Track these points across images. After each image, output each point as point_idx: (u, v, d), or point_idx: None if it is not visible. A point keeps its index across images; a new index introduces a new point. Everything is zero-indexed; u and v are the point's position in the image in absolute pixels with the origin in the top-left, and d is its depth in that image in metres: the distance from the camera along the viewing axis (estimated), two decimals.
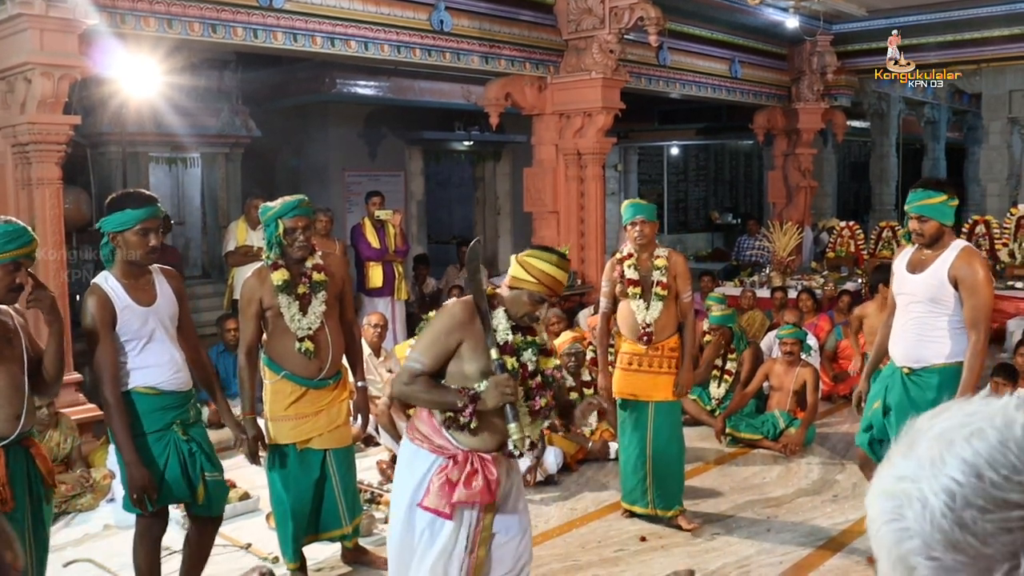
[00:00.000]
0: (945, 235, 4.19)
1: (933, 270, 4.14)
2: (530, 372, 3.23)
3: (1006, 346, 9.27)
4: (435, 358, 3.12)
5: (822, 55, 12.37)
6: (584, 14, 9.24)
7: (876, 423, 4.36)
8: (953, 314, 4.12)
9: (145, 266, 3.71)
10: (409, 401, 3.44)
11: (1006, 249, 11.05)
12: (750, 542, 5.03)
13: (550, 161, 9.82)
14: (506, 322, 3.18)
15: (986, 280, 4.13)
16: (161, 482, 3.67)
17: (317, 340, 4.21)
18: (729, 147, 21.35)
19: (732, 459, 6.62)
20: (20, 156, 6.14)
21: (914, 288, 4.19)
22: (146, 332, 3.65)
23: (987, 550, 0.65)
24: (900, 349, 4.29)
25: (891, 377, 4.34)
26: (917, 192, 4.19)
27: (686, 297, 5.18)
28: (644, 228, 5.12)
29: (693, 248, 19.45)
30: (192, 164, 10.51)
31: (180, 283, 3.90)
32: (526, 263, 3.14)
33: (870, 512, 0.73)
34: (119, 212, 3.60)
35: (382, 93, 11.45)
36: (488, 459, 3.16)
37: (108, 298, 3.60)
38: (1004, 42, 11.95)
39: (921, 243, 4.19)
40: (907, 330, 4.24)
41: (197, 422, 3.88)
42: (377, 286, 8.50)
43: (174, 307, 3.79)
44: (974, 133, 18.39)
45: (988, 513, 0.65)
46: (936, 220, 4.13)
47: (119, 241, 3.62)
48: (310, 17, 7.45)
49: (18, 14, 5.74)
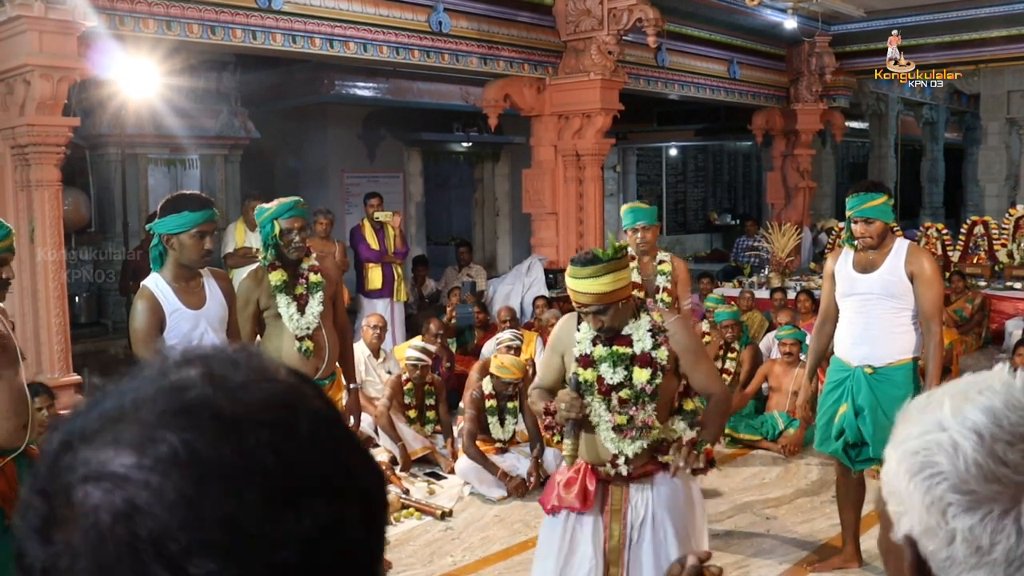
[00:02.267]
0: (887, 235, 4.22)
1: (889, 266, 4.15)
2: (610, 386, 3.08)
3: (1005, 346, 9.27)
4: (544, 375, 3.33)
5: (820, 56, 12.38)
6: (583, 15, 9.25)
7: (849, 427, 4.29)
8: (911, 309, 4.16)
9: (197, 269, 3.70)
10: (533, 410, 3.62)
11: (1005, 250, 11.06)
12: (749, 543, 5.03)
13: (549, 162, 9.82)
14: (589, 333, 3.14)
15: (938, 273, 4.22)
16: None
17: (315, 340, 4.21)
18: (728, 148, 21.34)
19: (731, 460, 6.62)
20: (19, 158, 6.14)
21: (870, 287, 4.18)
22: (196, 335, 3.64)
23: (1018, 477, 0.72)
24: (862, 350, 4.25)
25: (852, 379, 4.29)
26: (859, 196, 4.18)
27: (686, 304, 5.17)
28: (646, 234, 5.09)
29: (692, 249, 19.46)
30: (191, 166, 10.50)
31: (229, 284, 3.92)
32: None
33: (895, 483, 0.80)
34: (176, 214, 3.57)
35: (381, 94, 11.45)
36: (592, 469, 3.18)
37: (158, 302, 3.59)
38: (1002, 43, 11.97)
39: (869, 246, 4.18)
40: (869, 330, 4.22)
41: None
42: (376, 287, 8.50)
43: (224, 310, 3.80)
44: (972, 134, 18.41)
45: (1015, 445, 0.73)
46: (881, 221, 4.15)
47: (173, 243, 3.59)
48: (309, 19, 7.45)
49: (17, 16, 5.74)
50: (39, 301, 6.09)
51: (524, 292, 9.23)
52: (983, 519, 0.73)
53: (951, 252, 11.53)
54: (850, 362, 4.31)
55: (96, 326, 9.23)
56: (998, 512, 0.73)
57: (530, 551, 4.82)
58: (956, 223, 14.33)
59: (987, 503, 0.73)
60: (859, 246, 4.22)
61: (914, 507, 0.77)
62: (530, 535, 4.88)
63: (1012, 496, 0.72)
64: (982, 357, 9.25)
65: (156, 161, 10.21)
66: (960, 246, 11.52)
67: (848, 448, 4.34)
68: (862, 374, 4.25)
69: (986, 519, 0.73)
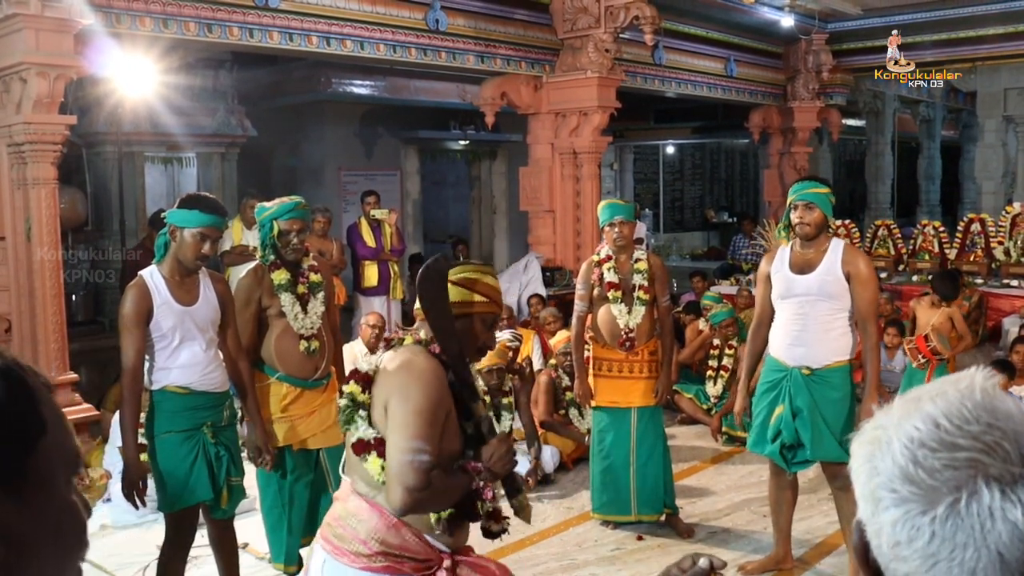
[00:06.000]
0: (822, 233, 4.22)
1: (826, 266, 4.15)
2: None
3: (1002, 343, 9.28)
4: (437, 440, 2.33)
5: (817, 54, 12.38)
6: (579, 13, 9.25)
7: (786, 428, 4.23)
8: (848, 310, 4.16)
9: (192, 269, 3.75)
10: (428, 511, 2.39)
11: (1001, 247, 11.06)
12: (746, 540, 5.04)
13: (546, 160, 9.82)
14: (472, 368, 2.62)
15: (874, 273, 4.23)
16: (187, 482, 3.70)
17: (318, 340, 4.22)
18: (725, 146, 21.37)
19: (728, 458, 6.63)
20: (16, 156, 6.13)
21: (808, 288, 4.16)
22: (181, 331, 3.69)
23: (933, 482, 0.78)
24: (799, 351, 4.21)
25: (789, 380, 4.24)
26: (803, 183, 4.30)
27: (664, 301, 5.12)
28: (624, 229, 5.02)
29: (689, 247, 19.49)
30: (188, 164, 10.50)
31: (226, 288, 3.95)
32: (471, 281, 2.53)
33: (852, 462, 0.87)
34: (187, 210, 3.67)
35: (378, 92, 11.45)
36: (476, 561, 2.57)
37: (147, 292, 3.64)
38: (999, 40, 11.97)
39: (806, 234, 4.17)
40: (806, 331, 4.18)
41: (231, 425, 3.91)
42: (372, 285, 8.50)
43: (215, 312, 3.82)
44: (969, 131, 18.41)
45: (937, 452, 0.79)
46: (822, 210, 4.16)
47: (176, 236, 3.68)
48: (306, 17, 7.44)
49: (13, 14, 5.73)
50: (36, 299, 6.08)
51: (521, 290, 9.23)
52: (903, 517, 0.79)
53: (948, 250, 11.54)
54: (786, 363, 4.26)
55: (93, 324, 9.22)
56: (915, 512, 0.79)
57: (527, 549, 4.84)
58: (953, 221, 14.33)
59: (906, 503, 0.79)
60: (797, 231, 4.20)
61: (859, 492, 0.85)
62: (527, 533, 4.88)
63: (929, 500, 0.78)
64: (979, 355, 9.26)
65: (153, 159, 10.21)
66: (957, 244, 11.52)
67: (784, 450, 4.30)
68: (799, 375, 4.21)
69: (905, 517, 0.79)
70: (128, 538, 5.16)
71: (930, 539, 0.78)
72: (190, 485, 3.71)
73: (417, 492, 2.25)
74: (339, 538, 2.38)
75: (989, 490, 0.77)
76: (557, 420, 6.56)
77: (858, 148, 20.81)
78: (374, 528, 2.33)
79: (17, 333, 6.20)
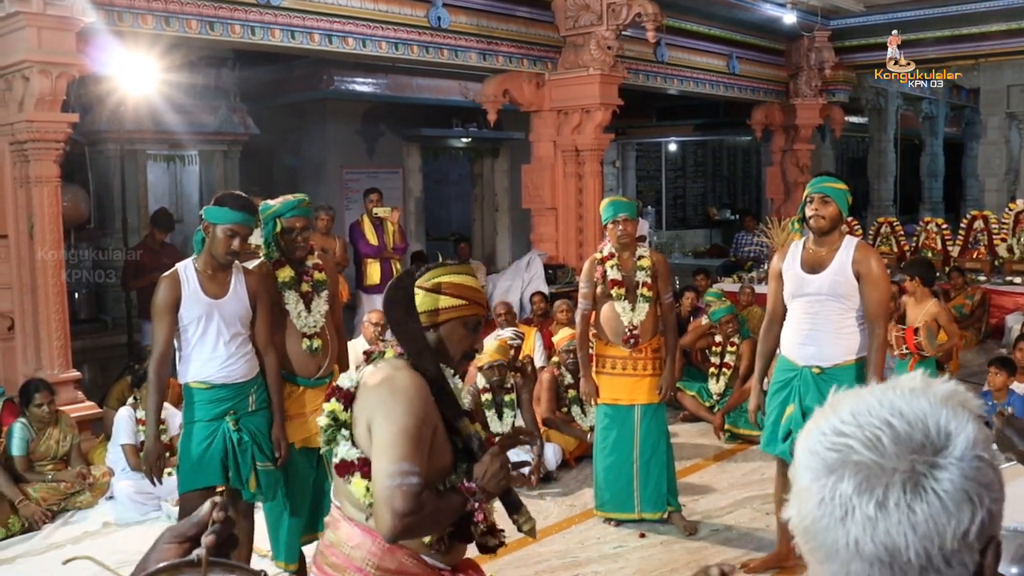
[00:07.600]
0: (837, 230, 4.18)
1: (837, 266, 4.11)
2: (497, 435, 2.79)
3: (1005, 341, 9.28)
4: (424, 458, 2.22)
5: (820, 51, 12.36)
6: (582, 10, 9.24)
7: (797, 428, 4.15)
8: (858, 309, 4.13)
9: (225, 264, 3.91)
10: (420, 535, 2.29)
11: (1004, 244, 11.06)
12: (749, 538, 5.03)
13: (548, 158, 9.82)
14: (458, 380, 2.50)
15: (885, 273, 4.18)
16: (199, 464, 3.90)
17: (320, 338, 4.22)
18: (727, 143, 21.34)
19: (731, 455, 6.63)
20: (18, 154, 6.14)
21: (819, 287, 4.13)
22: (205, 322, 3.86)
23: (815, 464, 0.91)
24: (809, 350, 4.19)
25: (799, 379, 4.23)
26: (821, 177, 4.29)
27: (667, 298, 5.12)
28: (627, 227, 5.01)
29: (691, 244, 19.46)
30: (190, 162, 10.51)
31: (257, 284, 4.03)
32: (452, 285, 2.40)
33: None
34: (219, 207, 3.85)
35: (380, 90, 11.44)
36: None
37: (177, 282, 3.84)
38: (1002, 37, 11.93)
39: (820, 228, 4.12)
40: (817, 330, 4.16)
41: (258, 411, 4.01)
42: (375, 283, 8.51)
43: (244, 308, 3.96)
44: (972, 128, 18.41)
45: (827, 436, 0.91)
46: (838, 205, 4.11)
47: (209, 232, 3.86)
48: (308, 14, 7.44)
49: (16, 12, 5.74)
50: (38, 297, 6.08)
51: (523, 288, 9.23)
52: (807, 485, 0.92)
53: (951, 247, 11.54)
54: (796, 362, 4.24)
55: (96, 322, 9.24)
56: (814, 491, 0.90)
57: (529, 547, 4.83)
58: (956, 218, 14.32)
59: (811, 482, 0.91)
60: (811, 224, 4.16)
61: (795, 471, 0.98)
62: None
63: (821, 477, 0.90)
64: (982, 352, 9.26)
65: (155, 157, 10.21)
66: (960, 241, 11.53)
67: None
68: (809, 374, 4.19)
69: (810, 486, 0.91)
70: (131, 535, 5.18)
71: (813, 521, 0.89)
72: (201, 468, 3.90)
73: (408, 517, 2.13)
74: (334, 568, 2.29)
75: (852, 478, 0.87)
76: (559, 417, 6.56)
77: (861, 145, 20.78)
78: (368, 554, 2.26)
79: (20, 331, 6.21)
